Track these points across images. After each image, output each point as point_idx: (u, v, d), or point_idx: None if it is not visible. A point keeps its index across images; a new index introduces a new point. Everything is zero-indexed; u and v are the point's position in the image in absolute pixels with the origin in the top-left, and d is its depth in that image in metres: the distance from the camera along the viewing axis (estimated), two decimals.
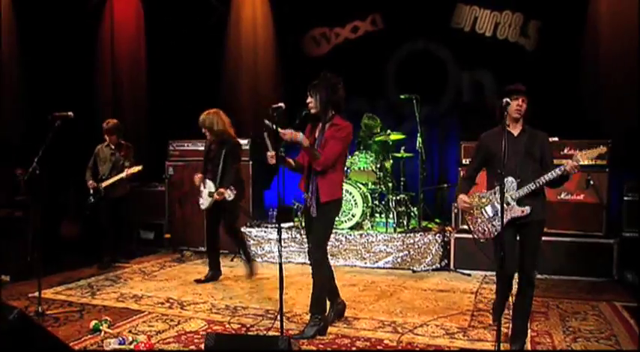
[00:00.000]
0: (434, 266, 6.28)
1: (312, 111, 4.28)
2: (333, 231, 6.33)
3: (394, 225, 6.72)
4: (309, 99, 4.27)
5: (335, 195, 4.17)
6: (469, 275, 6.05)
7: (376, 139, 7.34)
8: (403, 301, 5.08)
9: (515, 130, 3.90)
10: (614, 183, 5.94)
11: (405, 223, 6.91)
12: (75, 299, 5.10)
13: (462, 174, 6.44)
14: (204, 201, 5.87)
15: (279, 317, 3.79)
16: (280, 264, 3.79)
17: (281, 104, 3.97)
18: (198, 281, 5.82)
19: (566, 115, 7.55)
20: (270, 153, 4.06)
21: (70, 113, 4.74)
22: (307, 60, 9.10)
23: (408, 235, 6.43)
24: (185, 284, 5.71)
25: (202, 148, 7.21)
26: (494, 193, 3.89)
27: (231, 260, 6.87)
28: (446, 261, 6.31)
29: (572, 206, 5.95)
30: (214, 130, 5.69)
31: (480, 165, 4.16)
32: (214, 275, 5.93)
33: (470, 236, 5.82)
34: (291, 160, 4.28)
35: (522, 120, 3.92)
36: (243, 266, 6.08)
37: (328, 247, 4.58)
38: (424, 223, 7.06)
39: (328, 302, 4.45)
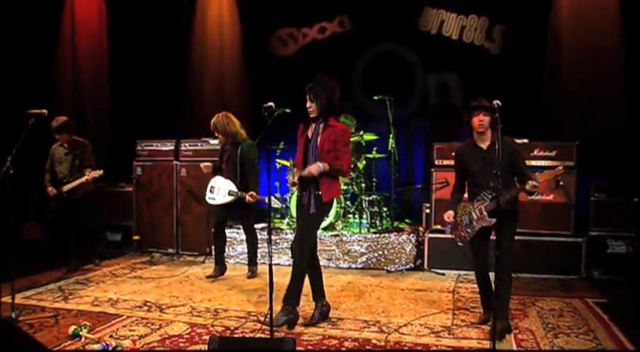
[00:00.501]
0: (408, 266, 6.34)
1: (312, 115, 4.35)
2: None
3: (367, 226, 6.75)
4: (308, 104, 4.32)
5: (335, 195, 4.42)
6: (443, 274, 6.14)
7: (350, 140, 7.33)
8: (383, 301, 5.11)
9: (485, 144, 4.21)
10: (581, 184, 6.12)
11: (378, 224, 6.95)
12: (47, 304, 4.91)
13: (435, 176, 6.55)
14: (219, 198, 5.94)
15: (268, 318, 3.75)
16: (270, 266, 3.76)
17: (270, 103, 3.99)
18: (209, 276, 6.00)
19: (529, 118, 7.76)
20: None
21: (44, 110, 4.58)
22: (274, 60, 9.08)
23: (382, 235, 6.48)
24: (160, 287, 5.58)
25: (171, 148, 7.21)
26: (473, 204, 4.24)
27: (203, 261, 6.75)
28: (420, 261, 6.38)
29: (542, 206, 6.12)
30: (228, 133, 5.88)
31: (463, 178, 4.42)
32: (222, 270, 6.08)
33: (444, 236, 6.04)
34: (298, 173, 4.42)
35: (492, 131, 4.18)
36: (248, 266, 6.25)
37: None
38: (396, 223, 7.12)
39: (313, 303, 4.48)
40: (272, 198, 6.00)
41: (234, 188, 5.88)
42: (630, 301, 5.09)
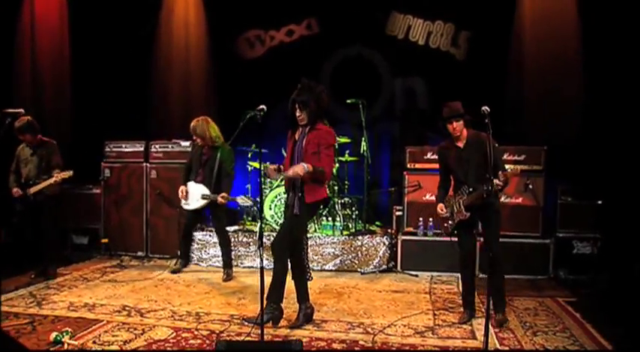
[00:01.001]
0: (381, 268, 6.42)
1: (302, 123, 4.37)
2: None
3: (341, 228, 6.80)
4: (298, 114, 4.34)
5: (319, 196, 4.36)
6: (416, 275, 6.24)
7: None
8: (363, 302, 5.17)
9: (461, 142, 4.53)
10: (549, 187, 6.35)
11: (350, 226, 7.01)
12: (20, 310, 4.74)
13: (407, 179, 6.67)
14: (193, 202, 6.03)
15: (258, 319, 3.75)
16: (261, 268, 3.75)
17: (262, 106, 4.02)
18: (173, 271, 6.28)
19: (494, 122, 7.96)
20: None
21: (21, 110, 4.46)
22: (241, 61, 9.00)
23: (355, 238, 6.53)
24: (136, 291, 5.47)
25: (141, 149, 7.09)
26: (454, 198, 4.55)
27: (175, 264, 6.64)
28: (393, 263, 6.46)
29: (511, 208, 6.30)
30: (207, 137, 5.96)
31: (446, 174, 4.70)
32: (184, 264, 6.45)
33: (416, 238, 6.17)
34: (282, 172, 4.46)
35: (466, 130, 4.53)
36: (223, 268, 6.23)
37: None
38: (367, 226, 7.19)
39: (297, 305, 4.52)
40: (242, 197, 6.00)
41: (207, 191, 5.97)
42: (597, 299, 5.29)
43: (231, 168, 6.13)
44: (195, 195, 6.01)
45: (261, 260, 3.80)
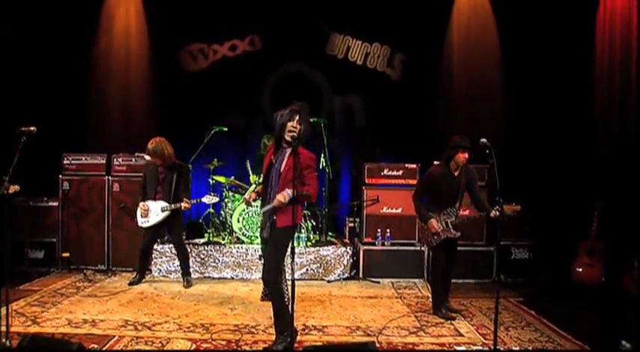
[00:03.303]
0: (345, 276, 6.91)
1: (290, 137, 4.22)
2: (250, 245, 6.78)
3: (306, 240, 7.21)
4: (294, 125, 4.24)
5: (290, 222, 4.13)
6: (378, 282, 6.81)
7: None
8: (347, 308, 5.63)
9: (456, 172, 5.26)
10: (490, 200, 7.16)
11: (311, 237, 7.44)
12: (20, 329, 4.67)
13: (366, 193, 7.21)
14: (153, 218, 6.25)
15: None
16: (292, 281, 4.06)
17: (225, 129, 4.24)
18: (130, 283, 6.43)
19: (425, 139, 8.83)
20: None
21: (33, 128, 4.48)
22: (183, 74, 9.12)
23: (322, 248, 6.97)
24: (124, 305, 5.55)
25: (102, 162, 7.10)
26: (439, 216, 5.26)
27: (134, 277, 6.67)
28: (355, 271, 6.98)
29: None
30: (166, 156, 6.20)
31: (427, 194, 5.41)
32: (141, 278, 6.55)
33: (376, 248, 6.74)
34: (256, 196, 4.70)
35: None
36: (183, 276, 6.53)
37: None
38: (327, 237, 7.64)
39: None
40: (208, 196, 6.35)
41: (165, 204, 6.26)
42: (540, 298, 6.12)
43: (189, 184, 6.62)
44: (154, 211, 6.28)
45: (292, 272, 4.08)
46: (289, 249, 4.05)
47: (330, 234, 8.05)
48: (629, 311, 5.38)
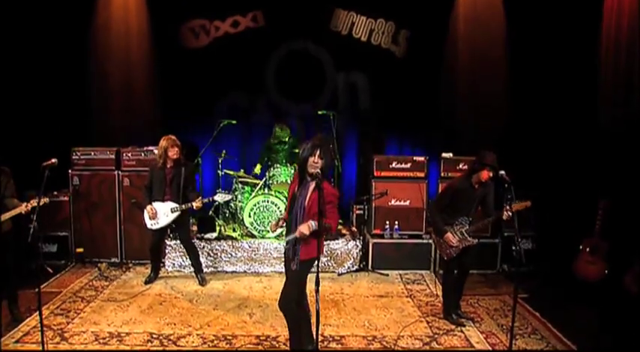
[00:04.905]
0: (355, 268, 7.12)
1: (313, 170, 4.27)
2: (262, 240, 6.93)
3: None
4: (316, 160, 4.26)
5: (312, 254, 4.29)
6: (387, 274, 7.03)
7: (294, 151, 7.81)
8: (361, 312, 5.85)
9: (477, 185, 5.35)
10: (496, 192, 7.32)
11: None
12: (51, 346, 4.87)
13: (374, 186, 7.32)
14: (162, 220, 6.34)
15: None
16: (317, 311, 4.21)
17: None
18: (146, 282, 6.59)
19: (429, 117, 8.89)
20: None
21: (54, 160, 4.56)
22: (185, 51, 9.01)
23: (332, 242, 7.14)
24: (145, 313, 5.72)
25: (111, 157, 7.13)
26: (453, 228, 5.41)
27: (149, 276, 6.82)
28: (364, 263, 7.19)
29: None
30: (178, 154, 6.30)
31: (446, 206, 5.48)
32: (155, 276, 6.73)
33: (385, 241, 6.92)
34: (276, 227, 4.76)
35: None
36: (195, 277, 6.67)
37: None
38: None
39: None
40: (219, 193, 6.50)
41: (175, 205, 6.32)
42: (543, 295, 6.35)
43: (195, 185, 6.70)
44: (163, 212, 6.35)
45: (317, 303, 4.20)
46: (314, 279, 4.15)
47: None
48: (628, 310, 5.69)
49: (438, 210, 5.49)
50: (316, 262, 4.15)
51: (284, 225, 4.68)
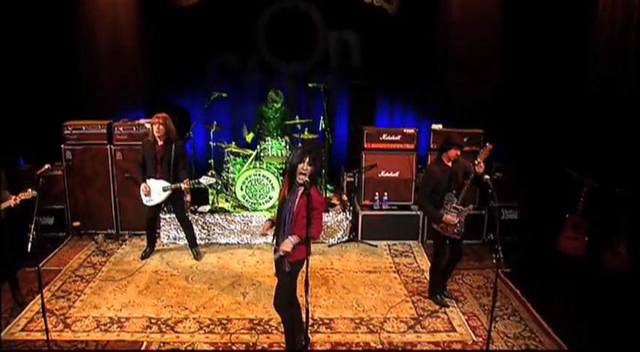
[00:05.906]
0: (344, 239, 7.35)
1: (301, 179, 4.35)
2: (253, 213, 7.11)
3: None
4: (305, 167, 4.34)
5: (303, 255, 4.42)
6: (375, 245, 7.27)
7: (287, 123, 7.84)
8: (350, 291, 6.11)
9: (449, 163, 5.58)
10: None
11: None
12: (55, 335, 5.09)
13: (365, 158, 7.42)
14: (156, 197, 6.49)
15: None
16: (307, 310, 4.45)
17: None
18: (143, 257, 6.81)
19: (420, 78, 8.90)
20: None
21: (47, 166, 4.64)
22: (174, 10, 8.81)
23: (323, 214, 7.27)
24: (143, 293, 5.96)
25: (103, 131, 7.14)
26: (445, 207, 5.60)
27: (144, 251, 6.99)
28: (354, 234, 7.41)
29: None
30: (170, 131, 6.39)
31: (431, 191, 5.68)
32: (151, 250, 6.95)
33: (374, 212, 7.10)
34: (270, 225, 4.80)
35: None
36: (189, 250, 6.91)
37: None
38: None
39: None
40: (205, 177, 6.58)
41: (166, 183, 6.45)
42: (525, 270, 6.62)
43: (186, 163, 6.63)
44: (156, 190, 6.49)
45: (307, 311, 4.45)
46: (304, 283, 4.36)
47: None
48: (607, 287, 5.98)
49: (426, 198, 5.64)
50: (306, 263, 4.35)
51: (272, 227, 4.81)
